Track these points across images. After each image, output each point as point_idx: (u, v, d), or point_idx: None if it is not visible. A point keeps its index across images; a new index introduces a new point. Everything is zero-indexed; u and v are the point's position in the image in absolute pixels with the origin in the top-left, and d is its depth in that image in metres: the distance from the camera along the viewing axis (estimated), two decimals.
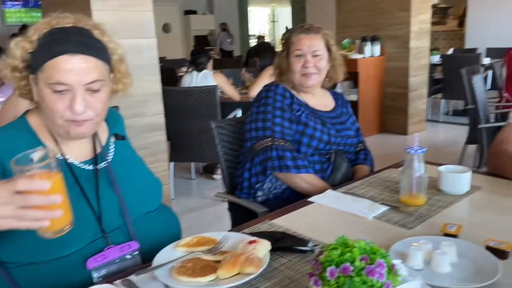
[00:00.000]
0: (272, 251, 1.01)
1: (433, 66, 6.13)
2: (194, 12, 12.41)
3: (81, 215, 1.01)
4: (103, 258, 1.04)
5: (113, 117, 1.27)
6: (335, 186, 1.60)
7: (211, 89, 3.32)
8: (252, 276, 0.91)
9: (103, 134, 1.20)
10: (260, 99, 1.76)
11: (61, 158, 1.08)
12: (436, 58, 6.42)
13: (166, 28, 11.75)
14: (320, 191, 1.50)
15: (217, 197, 1.88)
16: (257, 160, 1.66)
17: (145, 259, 1.09)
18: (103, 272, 1.04)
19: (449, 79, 5.70)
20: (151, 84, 3.08)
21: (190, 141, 3.51)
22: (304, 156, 1.67)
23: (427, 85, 5.64)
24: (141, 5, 2.97)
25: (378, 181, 1.51)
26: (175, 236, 1.23)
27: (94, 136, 1.15)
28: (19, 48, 1.02)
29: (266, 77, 3.87)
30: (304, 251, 1.03)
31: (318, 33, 1.75)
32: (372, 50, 5.41)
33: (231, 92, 3.89)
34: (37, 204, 0.76)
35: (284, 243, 1.04)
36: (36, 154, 0.78)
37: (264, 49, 4.13)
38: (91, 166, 1.13)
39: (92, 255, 1.04)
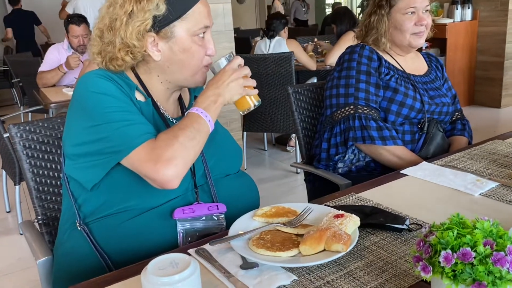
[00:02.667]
0: (361, 227, 0.89)
1: None
2: None
3: None
4: (191, 211, 1.00)
5: None
6: (428, 159, 1.43)
7: (287, 56, 3.18)
8: (340, 255, 0.80)
9: (185, 96, 1.20)
10: (343, 62, 1.60)
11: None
12: None
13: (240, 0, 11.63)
14: (410, 165, 1.34)
15: (293, 167, 1.77)
16: (337, 129, 1.51)
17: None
18: (187, 225, 1.00)
19: None
20: (226, 51, 3.01)
21: (264, 111, 3.42)
22: (391, 126, 1.50)
23: None
24: None
25: (482, 153, 1.31)
26: (254, 202, 1.16)
27: (180, 98, 1.16)
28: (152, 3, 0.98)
29: (346, 43, 3.64)
30: (400, 230, 0.89)
31: None
32: (463, 13, 4.89)
33: (306, 60, 3.67)
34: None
35: (375, 219, 0.91)
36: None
37: (341, 15, 3.87)
38: None
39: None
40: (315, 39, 4.44)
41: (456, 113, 1.72)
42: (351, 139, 1.47)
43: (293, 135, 3.74)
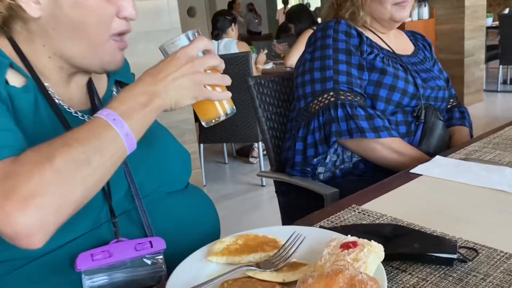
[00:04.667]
0: (385, 261, 0.54)
1: (486, 30, 5.44)
2: None
3: None
4: (106, 255, 0.61)
5: None
6: (430, 155, 1.12)
7: (243, 56, 2.84)
8: None
9: (101, 81, 0.82)
10: (315, 41, 1.27)
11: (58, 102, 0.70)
12: (489, 21, 5.71)
13: (190, 12, 11.34)
14: (413, 162, 1.03)
15: (260, 176, 1.41)
16: (315, 124, 1.17)
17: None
18: (100, 278, 0.61)
19: (507, 42, 5.01)
20: None
21: (223, 119, 3.06)
22: (382, 115, 1.18)
23: (484, 49, 4.97)
24: None
25: (507, 141, 1.01)
26: (211, 231, 0.80)
27: (90, 83, 0.78)
28: None
29: (304, 42, 3.35)
30: (447, 261, 0.55)
31: None
32: (420, 12, 4.78)
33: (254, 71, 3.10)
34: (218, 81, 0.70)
35: (407, 247, 0.56)
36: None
37: (298, 13, 3.60)
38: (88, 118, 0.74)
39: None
40: (274, 40, 4.14)
41: (451, 100, 1.43)
42: (334, 133, 1.13)
43: (256, 145, 3.38)
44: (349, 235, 0.56)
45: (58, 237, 0.60)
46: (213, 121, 0.72)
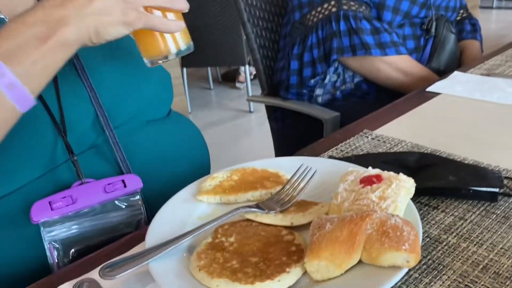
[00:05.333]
0: (414, 197, 0.44)
1: None
2: None
3: (30, 117, 0.49)
4: (69, 202, 0.50)
5: None
6: (439, 73, 1.01)
7: None
8: (401, 274, 0.35)
9: None
10: None
11: None
12: None
13: None
14: (421, 82, 0.92)
15: (250, 101, 1.29)
16: (313, 39, 1.04)
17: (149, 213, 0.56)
18: (63, 232, 0.50)
19: None
20: None
21: (205, 41, 2.84)
22: (389, 28, 1.04)
23: None
24: None
25: None
26: (199, 164, 0.69)
27: None
28: None
29: None
30: (490, 195, 0.45)
31: None
32: None
33: None
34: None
35: (442, 180, 0.46)
36: None
37: None
38: None
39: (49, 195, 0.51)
40: None
41: (461, 11, 1.28)
42: (336, 50, 1.00)
43: (242, 68, 3.21)
44: (370, 167, 0.45)
45: (5, 181, 0.48)
46: (160, 60, 0.54)
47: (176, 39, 0.53)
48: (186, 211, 0.48)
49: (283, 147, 1.29)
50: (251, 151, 2.36)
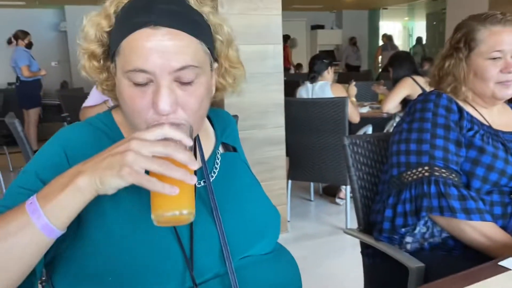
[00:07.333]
0: None
1: None
2: (321, 27, 12.19)
3: (165, 252, 0.71)
4: None
5: (222, 121, 0.95)
6: None
7: (340, 102, 2.92)
8: None
9: (208, 142, 0.88)
10: (414, 112, 1.31)
11: None
12: None
13: (292, 43, 11.71)
14: (504, 249, 1.03)
15: (347, 234, 1.47)
16: (407, 195, 1.20)
17: None
18: None
19: None
20: (274, 94, 2.82)
21: (311, 159, 3.15)
22: (476, 195, 1.18)
23: None
24: (270, 8, 2.74)
25: None
26: None
27: (194, 144, 0.82)
28: (93, 27, 0.74)
29: (402, 90, 3.34)
30: None
31: None
32: None
33: (351, 110, 3.04)
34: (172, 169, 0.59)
35: None
36: None
37: (401, 59, 3.59)
38: None
39: None
40: (374, 85, 4.15)
41: None
42: (425, 208, 1.16)
43: (344, 186, 3.41)
44: None
45: None
46: (160, 215, 0.61)
47: (175, 202, 0.60)
48: None
49: (372, 281, 1.42)
50: (341, 272, 2.45)
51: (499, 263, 0.90)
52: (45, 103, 6.31)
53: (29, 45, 5.64)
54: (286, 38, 11.32)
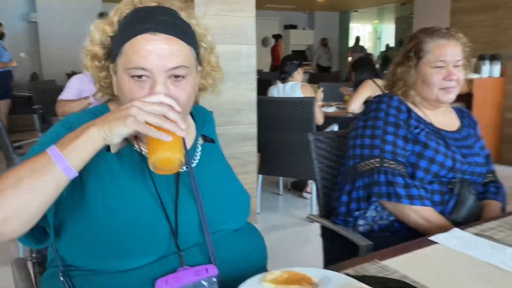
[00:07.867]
0: None
1: None
2: (294, 27, 12.42)
3: (154, 223, 0.86)
4: (176, 280, 0.87)
5: (203, 116, 1.09)
6: (457, 224, 1.29)
7: (308, 101, 3.11)
8: None
9: (190, 134, 1.03)
10: (370, 112, 1.51)
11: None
12: None
13: (265, 42, 11.89)
14: (438, 229, 1.21)
15: (310, 219, 1.64)
16: (360, 183, 1.40)
17: None
18: None
19: None
20: (247, 92, 2.97)
21: (281, 155, 3.33)
22: (420, 184, 1.38)
23: None
24: (244, 10, 2.88)
25: None
26: (260, 264, 1.02)
27: None
28: (98, 32, 0.90)
29: (364, 92, 3.56)
30: None
31: (459, 40, 1.46)
32: (491, 70, 4.81)
33: (317, 112, 3.18)
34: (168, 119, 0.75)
35: None
36: None
37: (362, 63, 3.82)
38: None
39: (162, 274, 0.86)
40: (341, 86, 4.37)
41: (489, 175, 1.59)
42: (375, 194, 1.35)
43: (311, 181, 3.61)
44: (362, 284, 0.78)
45: (136, 260, 0.83)
46: (157, 159, 0.74)
47: (164, 147, 0.74)
48: None
49: (329, 260, 1.60)
50: (306, 258, 2.65)
51: (430, 238, 1.10)
52: (14, 94, 6.25)
53: (1, 36, 5.59)
54: (277, 37, 11.47)
